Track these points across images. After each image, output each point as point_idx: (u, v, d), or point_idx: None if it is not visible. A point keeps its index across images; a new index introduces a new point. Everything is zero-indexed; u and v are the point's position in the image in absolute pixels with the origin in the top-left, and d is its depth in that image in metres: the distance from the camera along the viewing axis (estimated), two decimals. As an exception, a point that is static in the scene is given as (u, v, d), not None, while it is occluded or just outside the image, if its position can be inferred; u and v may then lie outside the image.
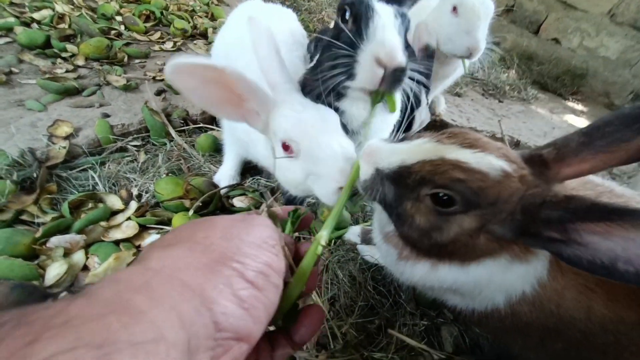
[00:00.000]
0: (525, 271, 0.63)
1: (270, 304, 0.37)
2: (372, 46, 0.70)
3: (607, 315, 0.62)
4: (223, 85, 0.66)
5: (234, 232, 0.39)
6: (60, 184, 1.10)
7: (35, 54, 1.53)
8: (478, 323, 0.81)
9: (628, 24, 2.78)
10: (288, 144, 0.72)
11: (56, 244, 0.92)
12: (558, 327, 0.66)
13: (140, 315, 0.27)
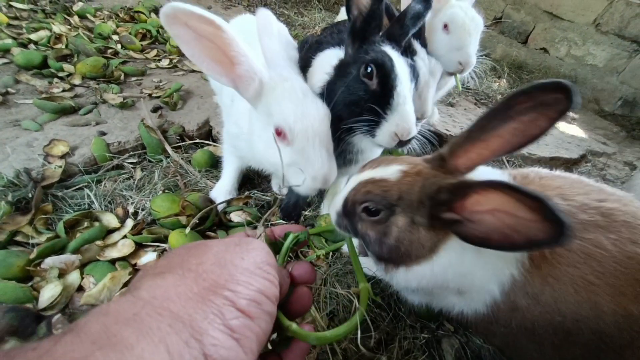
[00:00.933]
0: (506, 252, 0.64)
1: (262, 332, 0.36)
2: (395, 120, 0.84)
3: (617, 311, 0.61)
4: (217, 43, 0.67)
5: (228, 257, 0.39)
6: (55, 203, 1.09)
7: (32, 74, 1.54)
8: (486, 332, 0.79)
9: (613, 32, 2.87)
10: (283, 131, 0.76)
11: (51, 264, 0.91)
12: (567, 327, 0.64)
13: (128, 350, 0.27)
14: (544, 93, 0.51)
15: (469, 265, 0.67)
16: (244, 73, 0.74)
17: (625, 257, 0.61)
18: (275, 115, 0.77)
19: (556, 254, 0.64)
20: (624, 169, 2.02)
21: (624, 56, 2.86)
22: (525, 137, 0.55)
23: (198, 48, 0.67)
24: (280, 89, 0.78)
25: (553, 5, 3.12)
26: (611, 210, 0.66)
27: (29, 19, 1.93)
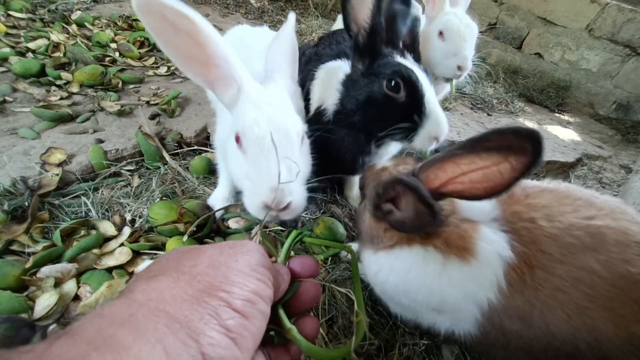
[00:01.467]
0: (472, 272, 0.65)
1: (257, 331, 0.37)
2: (432, 126, 0.89)
3: (618, 334, 0.59)
4: (194, 39, 0.62)
5: (222, 259, 0.39)
6: (52, 211, 1.09)
7: (29, 82, 1.55)
8: (487, 355, 0.79)
9: (606, 37, 2.91)
10: (239, 136, 0.71)
11: (47, 273, 0.90)
12: (568, 351, 0.62)
13: (124, 350, 0.27)
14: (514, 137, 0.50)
15: (432, 279, 0.68)
16: (221, 77, 0.70)
17: (618, 277, 0.59)
18: (237, 122, 0.71)
19: (537, 278, 0.62)
20: (619, 172, 2.03)
21: (617, 60, 2.90)
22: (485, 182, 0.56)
23: (174, 43, 0.62)
24: (254, 95, 0.73)
25: (546, 11, 3.17)
26: (600, 229, 0.64)
27: (27, 27, 1.94)
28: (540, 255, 0.64)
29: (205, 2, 3.32)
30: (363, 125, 0.96)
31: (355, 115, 0.96)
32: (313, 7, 3.77)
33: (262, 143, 0.67)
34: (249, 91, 0.73)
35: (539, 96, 2.99)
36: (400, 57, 0.96)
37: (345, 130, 1.01)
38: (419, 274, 0.68)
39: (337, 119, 1.01)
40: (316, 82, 1.11)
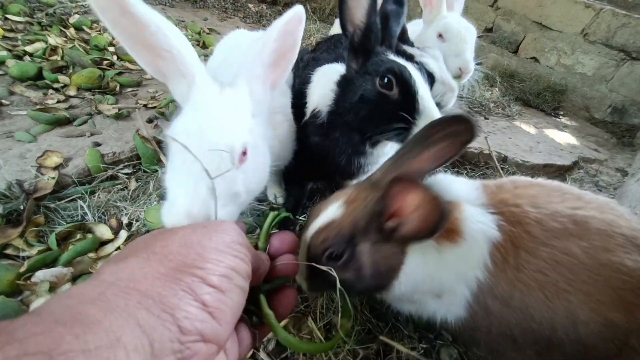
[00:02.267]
0: (461, 253, 0.67)
1: (235, 305, 0.37)
2: (426, 122, 0.83)
3: (596, 319, 0.61)
4: (140, 31, 0.58)
5: (195, 238, 0.39)
6: (48, 215, 1.08)
7: (26, 85, 1.54)
8: (471, 340, 0.79)
9: (600, 42, 2.94)
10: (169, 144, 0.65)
11: (42, 278, 0.89)
12: (546, 335, 0.64)
13: (95, 324, 0.26)
14: (452, 124, 0.64)
15: (432, 266, 0.68)
16: (170, 70, 0.65)
17: (598, 264, 0.62)
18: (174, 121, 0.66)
19: (520, 259, 0.65)
20: (615, 175, 2.04)
21: (612, 65, 2.93)
22: (440, 159, 0.67)
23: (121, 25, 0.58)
24: (199, 97, 0.66)
25: (542, 16, 3.20)
26: (585, 218, 0.67)
27: (25, 31, 1.94)
28: (525, 237, 0.66)
29: (204, 6, 3.33)
30: (357, 125, 0.95)
31: (349, 115, 0.94)
32: (311, 12, 3.80)
33: (184, 155, 0.58)
34: (196, 92, 0.66)
35: (535, 100, 3.01)
36: (393, 55, 0.96)
37: (340, 131, 1.00)
38: (423, 267, 0.69)
39: (331, 120, 1.00)
40: (312, 85, 1.11)
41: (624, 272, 0.61)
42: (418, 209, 0.56)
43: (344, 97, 0.96)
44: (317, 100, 1.06)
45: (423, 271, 0.69)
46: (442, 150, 0.66)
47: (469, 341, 0.79)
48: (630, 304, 0.60)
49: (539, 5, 3.20)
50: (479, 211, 0.71)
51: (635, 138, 2.69)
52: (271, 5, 3.83)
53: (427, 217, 0.56)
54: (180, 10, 3.05)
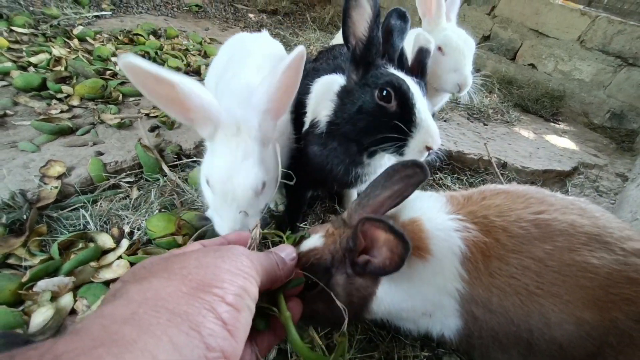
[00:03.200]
0: (433, 268, 0.70)
1: (246, 323, 0.39)
2: (423, 136, 0.89)
3: (566, 320, 0.62)
4: (174, 92, 0.72)
5: (209, 260, 0.41)
6: (50, 224, 1.09)
7: (30, 96, 1.56)
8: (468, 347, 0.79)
9: (597, 48, 2.97)
10: (209, 182, 0.84)
11: (43, 287, 0.89)
12: (524, 337, 0.66)
13: (131, 344, 0.28)
14: (407, 168, 0.72)
15: (407, 285, 0.71)
16: (199, 118, 0.80)
17: (563, 265, 0.64)
18: (208, 164, 0.84)
19: (492, 266, 0.67)
20: (616, 181, 2.04)
21: (609, 71, 2.96)
22: (398, 198, 0.74)
23: (156, 92, 0.73)
24: (226, 141, 0.82)
25: (538, 23, 3.25)
26: (547, 222, 0.69)
27: (29, 42, 1.97)
28: (495, 245, 0.68)
29: (205, 17, 3.39)
30: (354, 135, 0.96)
31: (347, 125, 0.96)
32: (310, 21, 3.85)
33: (225, 197, 0.82)
34: (221, 133, 0.83)
35: (533, 106, 3.03)
36: (393, 69, 0.97)
37: (338, 142, 1.01)
38: (400, 288, 0.72)
39: (330, 130, 1.02)
40: (312, 95, 1.12)
41: (590, 270, 0.62)
42: (386, 243, 0.62)
43: (343, 108, 0.97)
44: (317, 110, 1.07)
45: (402, 292, 0.72)
46: (400, 190, 0.74)
47: (468, 348, 0.79)
48: (603, 302, 0.61)
49: (535, 13, 3.24)
50: (444, 225, 0.73)
51: (635, 143, 2.70)
52: (271, 15, 3.90)
53: (394, 249, 0.61)
54: (182, 20, 3.11)
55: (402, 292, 0.72)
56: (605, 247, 0.65)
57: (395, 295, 0.72)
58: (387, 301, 0.73)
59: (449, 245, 0.70)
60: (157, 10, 3.12)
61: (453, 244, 0.70)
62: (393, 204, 0.74)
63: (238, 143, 0.82)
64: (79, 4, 2.67)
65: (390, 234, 0.59)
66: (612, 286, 0.61)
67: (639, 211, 1.56)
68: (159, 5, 3.23)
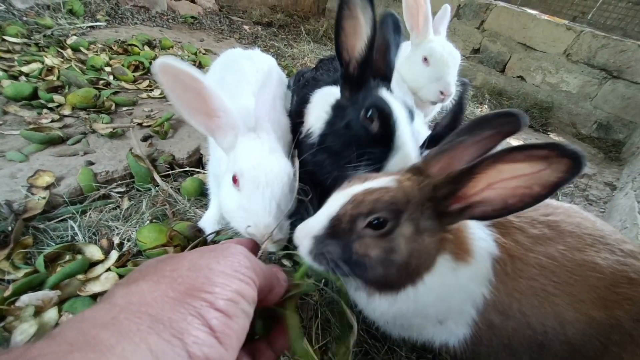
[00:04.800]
0: (472, 272, 0.68)
1: (240, 329, 0.37)
2: (400, 159, 0.88)
3: (579, 318, 0.63)
4: (200, 95, 0.75)
5: (203, 262, 0.39)
6: (36, 236, 1.06)
7: (21, 105, 1.54)
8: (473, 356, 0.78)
9: (583, 62, 3.07)
10: (236, 177, 0.82)
11: (27, 302, 0.86)
12: (538, 340, 0.66)
13: (108, 350, 0.27)
14: (500, 117, 0.66)
15: (448, 286, 0.69)
16: (221, 126, 0.82)
17: (575, 265, 0.65)
18: (236, 162, 0.83)
19: (516, 268, 0.67)
20: (605, 190, 2.08)
21: (595, 83, 3.05)
22: (484, 148, 0.68)
23: (183, 98, 0.75)
24: (250, 142, 0.85)
25: (526, 37, 3.35)
26: (557, 223, 0.71)
27: (21, 52, 1.96)
28: (515, 246, 0.69)
29: (200, 28, 3.42)
30: (338, 148, 0.96)
31: (334, 138, 0.97)
32: (305, 33, 3.92)
33: (258, 182, 0.79)
34: (244, 139, 0.85)
35: (523, 116, 3.10)
36: (385, 90, 0.98)
37: (327, 154, 1.01)
38: (440, 286, 0.69)
39: (321, 142, 1.02)
40: (310, 106, 1.13)
41: (598, 270, 0.64)
42: (518, 179, 0.55)
43: (334, 121, 0.99)
44: (313, 121, 1.08)
45: (439, 291, 0.68)
46: (488, 139, 0.67)
47: (471, 357, 0.78)
48: (608, 301, 0.63)
49: (523, 28, 3.35)
50: (479, 227, 0.72)
51: (621, 153, 2.76)
52: (266, 27, 3.95)
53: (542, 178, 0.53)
54: (178, 31, 3.13)
55: (433, 294, 0.68)
56: (608, 248, 0.68)
57: (434, 290, 0.68)
58: (426, 294, 0.68)
59: (486, 246, 0.69)
60: (153, 22, 3.14)
61: (489, 246, 0.69)
62: (478, 153, 0.68)
63: (262, 142, 0.86)
64: (74, 15, 2.67)
65: (556, 157, 0.50)
66: (616, 286, 0.63)
67: (629, 219, 1.59)
68: (154, 16, 3.25)
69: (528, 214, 0.73)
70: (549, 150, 0.51)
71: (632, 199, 1.71)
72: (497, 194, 0.58)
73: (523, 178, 0.54)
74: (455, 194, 0.61)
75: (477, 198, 0.60)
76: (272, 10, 4.43)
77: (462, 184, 0.60)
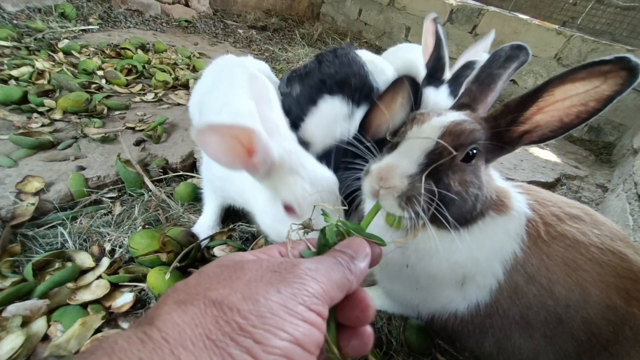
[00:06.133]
0: (508, 225, 0.70)
1: None
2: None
3: (603, 300, 0.64)
4: (242, 141, 0.72)
5: (261, 289, 0.32)
6: (25, 243, 1.03)
7: (10, 109, 1.52)
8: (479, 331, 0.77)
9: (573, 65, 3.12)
10: (291, 207, 0.80)
11: (14, 312, 0.84)
12: (558, 312, 0.66)
13: None
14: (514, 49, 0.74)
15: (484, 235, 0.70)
16: (260, 161, 0.77)
17: (607, 249, 0.66)
18: (283, 192, 0.80)
19: (550, 234, 0.69)
20: (597, 191, 2.11)
21: (585, 86, 3.11)
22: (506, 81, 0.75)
23: (223, 147, 0.70)
24: (287, 164, 0.81)
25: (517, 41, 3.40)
26: (591, 212, 0.74)
27: (11, 55, 1.93)
28: (551, 216, 0.71)
29: (195, 32, 3.41)
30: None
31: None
32: (299, 37, 3.93)
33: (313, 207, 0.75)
34: (282, 163, 0.81)
35: (516, 119, 3.14)
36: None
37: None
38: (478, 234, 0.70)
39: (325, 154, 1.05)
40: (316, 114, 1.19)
41: (626, 261, 0.66)
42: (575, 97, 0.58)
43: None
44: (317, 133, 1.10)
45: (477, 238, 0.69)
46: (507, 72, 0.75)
47: (478, 333, 0.77)
48: (629, 295, 0.63)
49: (514, 32, 3.40)
50: (512, 188, 0.77)
51: (612, 155, 2.80)
52: (261, 31, 3.95)
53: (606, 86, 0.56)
54: (172, 35, 3.11)
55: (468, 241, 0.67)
56: (632, 247, 0.69)
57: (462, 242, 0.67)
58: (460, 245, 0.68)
59: (522, 204, 0.72)
60: (146, 25, 3.12)
61: (524, 204, 0.73)
62: (502, 84, 0.76)
63: (298, 159, 0.83)
64: (66, 18, 2.65)
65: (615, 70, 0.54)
66: (639, 282, 0.64)
67: (620, 221, 1.61)
68: (148, 20, 3.23)
69: (561, 199, 0.76)
70: (613, 65, 0.54)
71: (624, 200, 1.73)
72: (551, 116, 0.61)
73: (579, 96, 0.58)
74: (516, 121, 0.63)
75: (534, 123, 0.62)
76: (267, 14, 4.44)
77: (524, 110, 0.62)
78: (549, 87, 0.59)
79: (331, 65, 1.30)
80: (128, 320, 0.91)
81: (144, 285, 0.99)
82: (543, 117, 0.62)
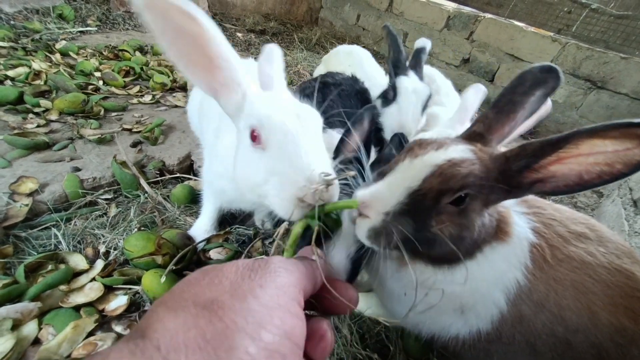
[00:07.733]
0: (508, 253, 0.66)
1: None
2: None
3: (612, 323, 0.62)
4: (198, 42, 0.59)
5: (245, 286, 0.34)
6: (17, 245, 1.02)
7: (5, 110, 1.50)
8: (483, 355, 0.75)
9: (568, 72, 3.16)
10: (258, 133, 0.62)
11: (4, 315, 0.82)
12: (567, 338, 0.64)
13: None
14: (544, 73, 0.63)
15: (486, 266, 0.66)
16: (225, 81, 0.65)
17: (614, 269, 0.64)
18: (250, 118, 0.65)
19: (556, 258, 0.66)
20: (592, 197, 2.12)
21: (580, 93, 3.14)
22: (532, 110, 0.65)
23: (177, 44, 0.59)
24: (263, 95, 0.69)
25: (513, 48, 3.44)
26: (596, 227, 0.71)
27: (8, 56, 1.92)
28: (556, 237, 0.68)
29: (193, 35, 3.41)
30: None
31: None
32: (298, 41, 3.95)
33: (285, 129, 0.60)
34: (256, 93, 0.68)
35: (512, 125, 3.16)
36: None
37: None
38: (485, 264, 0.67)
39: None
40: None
41: (633, 279, 0.64)
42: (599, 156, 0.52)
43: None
44: None
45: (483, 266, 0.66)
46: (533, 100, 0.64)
47: (483, 355, 0.75)
48: (635, 312, 0.62)
49: (511, 39, 3.45)
50: (518, 214, 0.72)
51: (607, 161, 2.83)
52: (259, 35, 3.97)
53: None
54: (170, 38, 3.12)
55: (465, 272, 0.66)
56: (638, 263, 0.67)
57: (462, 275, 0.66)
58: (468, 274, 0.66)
59: (524, 230, 0.68)
60: (145, 28, 3.12)
61: (526, 229, 0.69)
62: (528, 115, 0.66)
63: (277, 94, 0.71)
64: (64, 19, 2.64)
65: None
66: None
67: (616, 226, 1.62)
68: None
69: (567, 212, 0.73)
70: None
71: (619, 205, 1.74)
72: (569, 169, 0.54)
73: (606, 155, 0.52)
74: (530, 167, 0.56)
75: (549, 172, 0.56)
76: (266, 18, 4.46)
77: (542, 157, 0.55)
78: (575, 138, 0.53)
79: None
80: (122, 324, 0.90)
81: (139, 288, 0.97)
82: (561, 169, 0.55)
